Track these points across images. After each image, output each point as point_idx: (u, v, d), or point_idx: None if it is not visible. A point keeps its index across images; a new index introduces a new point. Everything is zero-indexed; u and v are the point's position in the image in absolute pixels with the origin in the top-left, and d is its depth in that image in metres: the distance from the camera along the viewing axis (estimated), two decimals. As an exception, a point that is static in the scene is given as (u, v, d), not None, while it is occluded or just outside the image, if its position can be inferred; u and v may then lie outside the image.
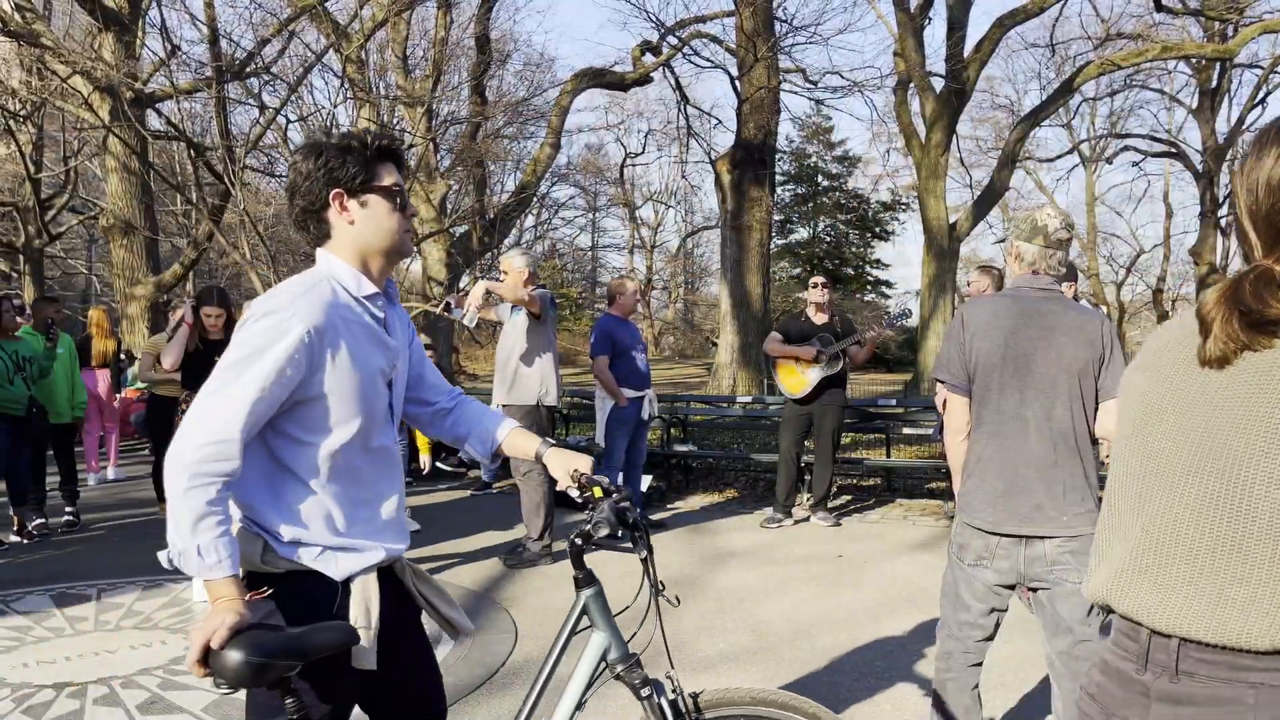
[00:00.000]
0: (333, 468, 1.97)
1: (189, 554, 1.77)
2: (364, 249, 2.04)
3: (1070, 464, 2.92)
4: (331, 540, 1.97)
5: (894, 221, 36.15)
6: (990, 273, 7.00)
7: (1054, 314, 2.97)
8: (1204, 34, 21.66)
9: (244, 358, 1.85)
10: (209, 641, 1.72)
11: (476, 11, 16.26)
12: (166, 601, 5.50)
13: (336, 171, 2.00)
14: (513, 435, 2.42)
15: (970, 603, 3.04)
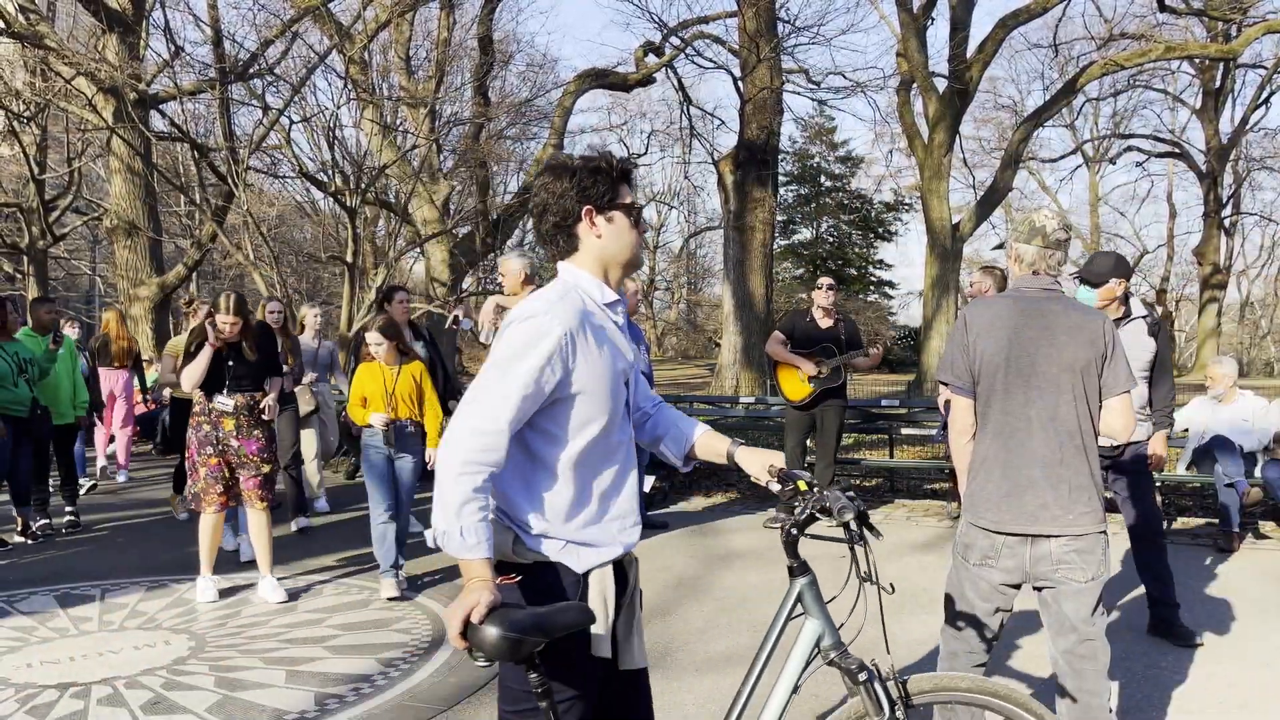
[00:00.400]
0: (580, 462, 2.11)
1: (452, 534, 1.94)
2: (607, 260, 2.21)
3: (1076, 463, 2.93)
4: (575, 535, 2.12)
5: (897, 222, 36.10)
6: (993, 273, 6.99)
7: (1055, 314, 2.99)
8: (1207, 34, 21.63)
9: (509, 357, 2.03)
10: (469, 616, 1.87)
11: (479, 12, 16.27)
12: (170, 602, 5.51)
13: (589, 190, 2.17)
14: (704, 437, 2.53)
15: (976, 602, 3.05)
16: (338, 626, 5.05)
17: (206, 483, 5.54)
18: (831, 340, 7.51)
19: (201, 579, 5.61)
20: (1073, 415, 2.94)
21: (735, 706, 2.43)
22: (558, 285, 2.18)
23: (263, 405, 5.73)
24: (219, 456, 5.55)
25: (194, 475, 5.61)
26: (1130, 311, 4.77)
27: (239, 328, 5.61)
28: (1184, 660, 4.50)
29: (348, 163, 12.74)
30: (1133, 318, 4.75)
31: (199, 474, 5.56)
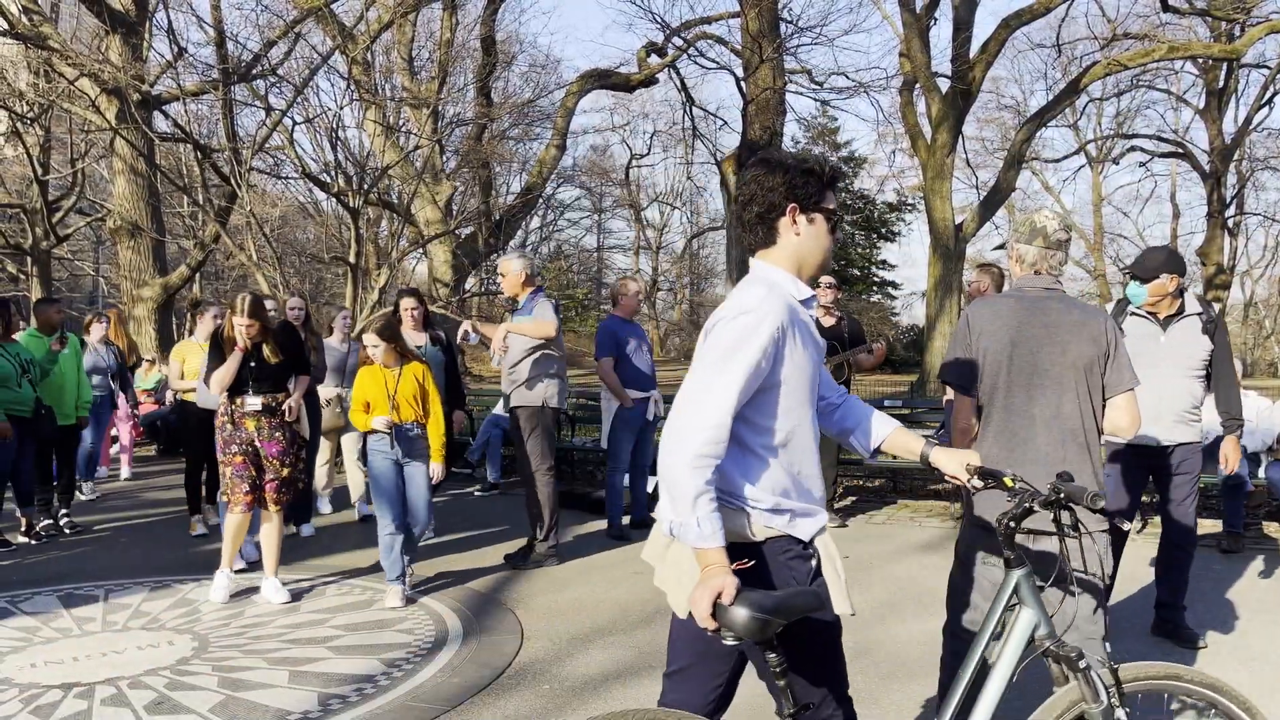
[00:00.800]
0: (784, 445, 2.25)
1: (689, 526, 2.06)
2: (801, 259, 2.31)
3: (1079, 461, 2.94)
4: (796, 506, 2.26)
5: (900, 222, 36.14)
6: (990, 271, 7.00)
7: (1057, 312, 3.01)
8: (1211, 34, 21.60)
9: (727, 352, 2.13)
10: (718, 598, 2.00)
11: (482, 13, 16.28)
12: (174, 602, 5.51)
13: (798, 189, 2.26)
14: (896, 434, 2.59)
15: (978, 603, 3.04)
16: (341, 627, 5.05)
17: (232, 482, 5.53)
18: (834, 338, 7.50)
19: (220, 573, 5.59)
20: (1075, 413, 2.95)
21: (951, 701, 2.47)
22: (760, 281, 2.26)
23: (284, 406, 5.72)
24: (244, 455, 5.56)
25: (221, 475, 5.63)
26: (1184, 308, 4.57)
27: (256, 329, 5.61)
28: (1186, 661, 4.49)
29: (350, 163, 12.75)
30: (1186, 314, 4.55)
31: (225, 473, 5.58)
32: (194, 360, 7.24)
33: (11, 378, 6.84)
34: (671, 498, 2.10)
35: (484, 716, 3.88)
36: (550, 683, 4.25)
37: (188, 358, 7.30)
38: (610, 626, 5.07)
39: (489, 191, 17.44)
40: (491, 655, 4.61)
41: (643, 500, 7.68)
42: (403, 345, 5.62)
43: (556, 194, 36.96)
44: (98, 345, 8.78)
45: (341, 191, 12.35)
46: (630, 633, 4.98)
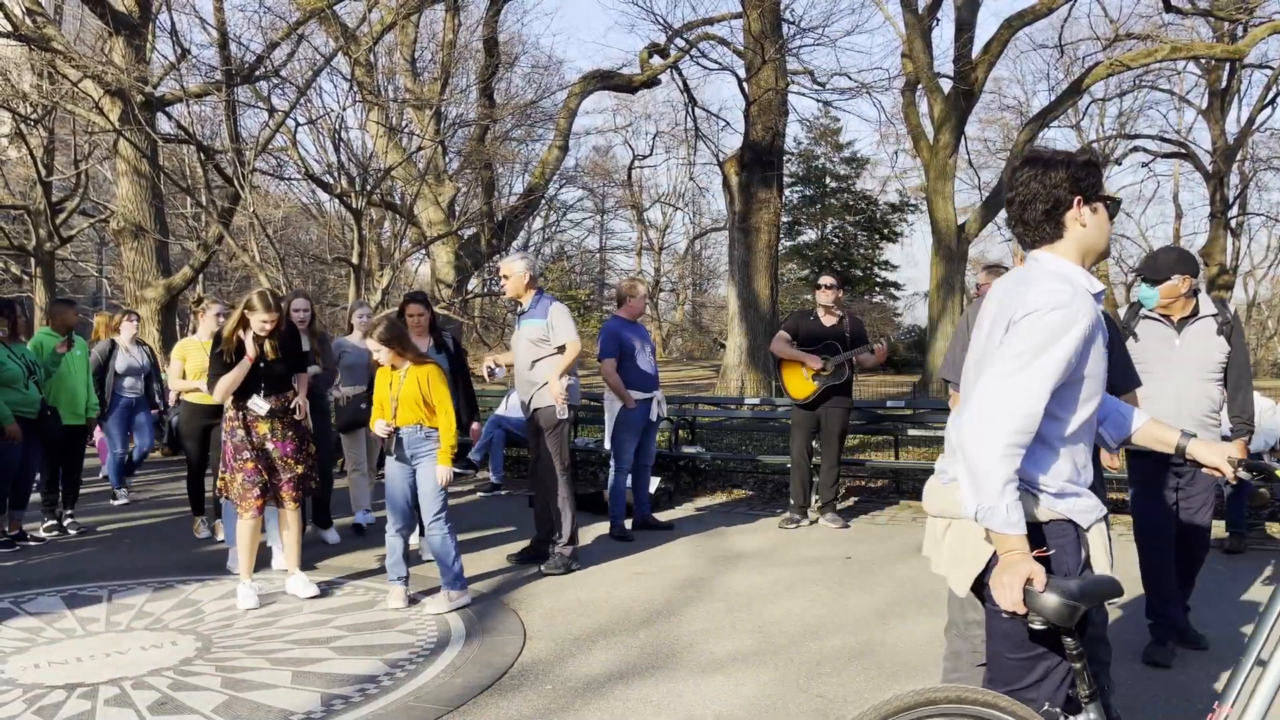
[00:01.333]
0: (1074, 435, 2.33)
1: (998, 510, 2.16)
2: (1086, 249, 2.39)
3: None
4: (1079, 492, 2.35)
5: (902, 223, 36.10)
6: (999, 273, 6.98)
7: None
8: (1213, 34, 21.56)
9: (1037, 345, 2.20)
10: (1029, 584, 2.12)
11: (485, 14, 16.29)
12: (177, 603, 5.52)
13: (1081, 181, 2.36)
14: (1149, 426, 2.64)
15: (979, 602, 3.04)
16: (344, 627, 5.06)
17: (244, 488, 5.51)
18: (836, 338, 7.50)
19: (242, 585, 5.51)
20: None
21: (1233, 708, 2.42)
22: (1054, 275, 2.31)
23: (294, 405, 5.74)
24: (255, 460, 5.55)
25: (230, 480, 5.59)
26: (1199, 310, 4.49)
27: (278, 320, 5.62)
28: (1188, 661, 4.49)
29: (353, 164, 12.77)
30: (1200, 316, 4.48)
31: (235, 479, 5.55)
32: (196, 359, 7.10)
33: (19, 379, 6.86)
34: (976, 483, 2.20)
35: (486, 717, 3.89)
36: (553, 683, 4.26)
37: (189, 357, 7.09)
38: (613, 627, 5.07)
39: (492, 192, 17.44)
40: (494, 656, 4.62)
41: (645, 501, 7.69)
42: (405, 348, 5.46)
43: (559, 195, 37.00)
44: (130, 346, 8.53)
45: (344, 193, 12.36)
46: (633, 633, 4.99)
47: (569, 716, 3.89)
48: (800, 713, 3.92)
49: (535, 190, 16.80)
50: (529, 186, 17.10)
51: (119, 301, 21.83)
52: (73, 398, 7.47)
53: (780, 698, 4.08)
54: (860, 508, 8.48)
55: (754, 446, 11.28)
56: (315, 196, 18.30)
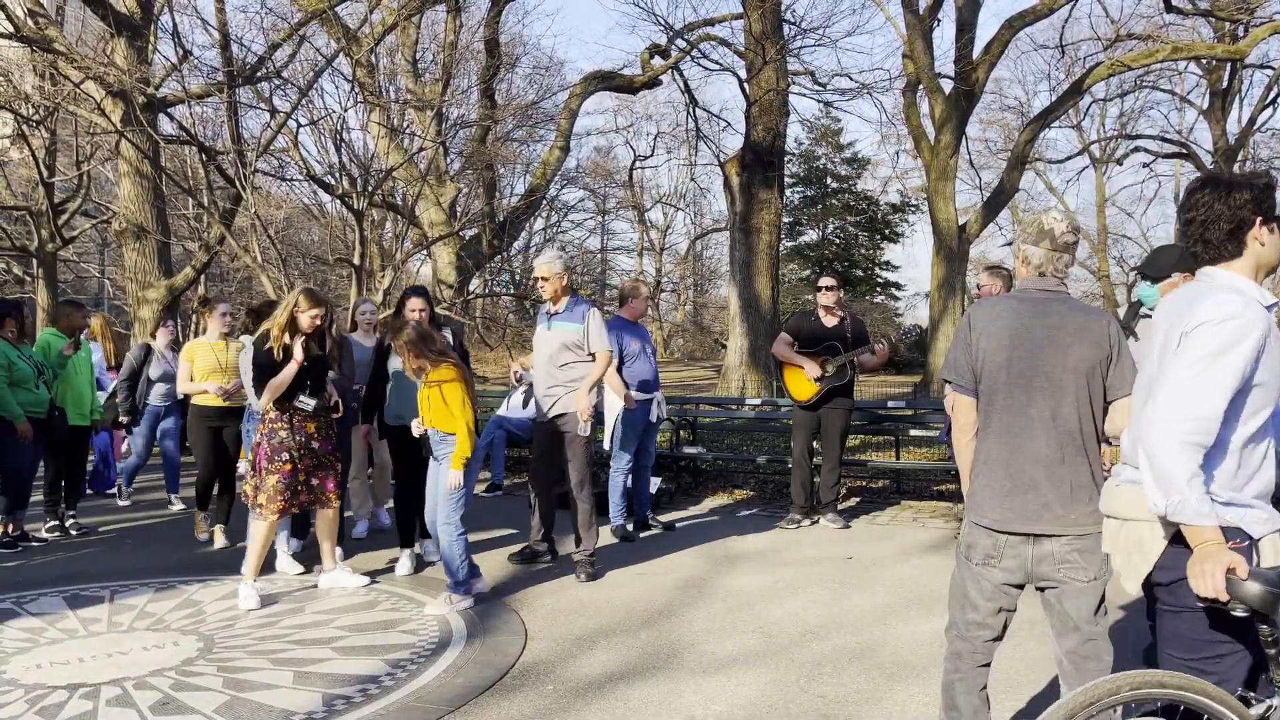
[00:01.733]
0: (1246, 443, 2.43)
1: (1188, 503, 2.30)
2: (1259, 265, 2.55)
3: (1077, 462, 2.95)
4: (1251, 502, 2.44)
5: (903, 224, 36.09)
6: (1000, 274, 7.00)
7: (1060, 314, 3.01)
8: (1214, 35, 21.55)
9: (1214, 353, 2.35)
10: (1231, 572, 2.22)
11: (486, 15, 16.30)
12: (179, 603, 5.53)
13: (1263, 204, 2.51)
14: None
15: (979, 602, 3.07)
16: (345, 628, 5.07)
17: (275, 489, 5.50)
18: (838, 338, 7.51)
19: (245, 585, 5.50)
20: (1074, 416, 2.96)
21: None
22: (1228, 289, 2.46)
23: (334, 402, 5.81)
24: (293, 462, 5.56)
25: (261, 481, 5.55)
26: None
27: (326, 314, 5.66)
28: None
29: (355, 165, 12.77)
30: None
31: (269, 481, 5.52)
32: (204, 360, 7.02)
33: (30, 379, 6.89)
34: (1161, 482, 2.34)
35: (488, 717, 3.89)
36: (554, 683, 4.27)
37: (197, 358, 7.02)
38: (614, 627, 5.08)
39: (493, 193, 17.44)
40: (495, 656, 4.62)
41: (646, 501, 7.69)
42: (422, 353, 5.38)
43: (560, 196, 37.03)
44: (165, 351, 8.39)
45: (346, 193, 12.37)
46: (634, 633, 4.99)
47: (570, 717, 3.90)
48: (801, 713, 3.93)
49: (537, 191, 16.80)
50: (530, 187, 17.09)
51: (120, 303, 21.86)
52: (79, 398, 7.47)
53: (781, 698, 4.08)
54: (861, 508, 8.48)
55: (755, 447, 11.29)
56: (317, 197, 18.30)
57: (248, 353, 5.77)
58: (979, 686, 3.12)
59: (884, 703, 4.03)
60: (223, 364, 7.03)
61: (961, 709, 3.12)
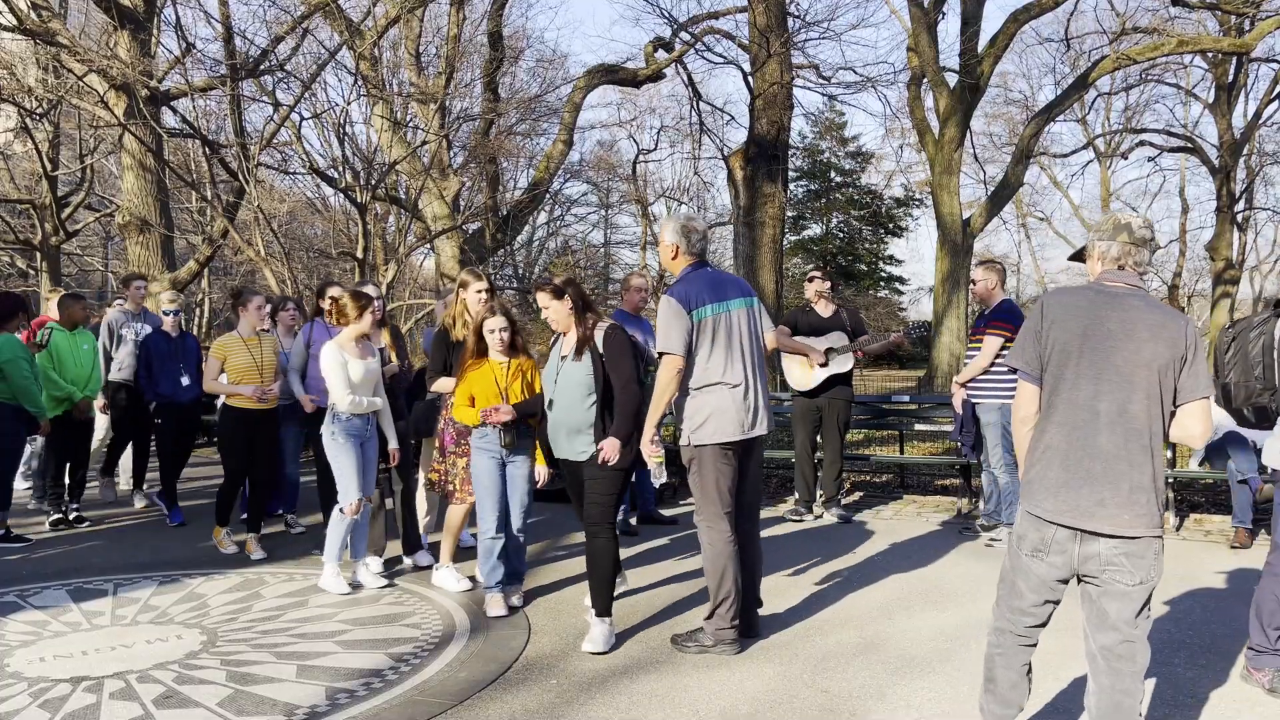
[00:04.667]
0: None
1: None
2: None
3: (1140, 462, 2.88)
4: None
5: (907, 217, 36.06)
6: (995, 269, 7.02)
7: (1137, 309, 2.94)
8: (1220, 28, 21.48)
9: None
10: None
11: (489, 8, 16.27)
12: (182, 596, 5.53)
13: None
14: None
15: (1025, 592, 3.06)
16: (348, 621, 5.06)
17: (465, 472, 5.56)
18: (838, 327, 7.53)
19: (446, 570, 5.68)
20: (1144, 414, 2.88)
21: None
22: None
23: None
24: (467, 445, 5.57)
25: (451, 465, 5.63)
26: None
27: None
28: (1196, 656, 4.48)
29: (358, 159, 12.77)
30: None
31: (458, 465, 5.61)
32: (238, 358, 6.42)
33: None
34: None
35: (490, 711, 3.89)
36: (557, 677, 4.26)
37: (230, 355, 6.42)
38: (617, 621, 5.07)
39: (496, 187, 17.42)
40: (498, 650, 4.62)
41: (650, 496, 7.68)
42: (520, 337, 5.24)
43: (563, 189, 36.96)
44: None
45: (349, 187, 12.36)
46: (637, 628, 4.98)
47: (573, 711, 3.89)
48: (805, 707, 3.92)
49: (540, 185, 16.78)
50: (533, 181, 17.08)
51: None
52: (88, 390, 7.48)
53: (785, 692, 4.07)
54: (865, 502, 8.47)
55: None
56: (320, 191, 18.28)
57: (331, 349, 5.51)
58: (1020, 664, 3.12)
59: (888, 697, 4.02)
60: (259, 363, 6.48)
61: (999, 681, 3.13)
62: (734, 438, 4.53)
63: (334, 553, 5.64)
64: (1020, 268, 39.17)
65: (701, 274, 4.66)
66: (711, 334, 4.51)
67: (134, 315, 8.26)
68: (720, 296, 4.58)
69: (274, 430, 6.64)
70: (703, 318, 4.50)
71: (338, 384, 5.49)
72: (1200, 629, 4.89)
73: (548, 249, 39.14)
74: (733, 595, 4.55)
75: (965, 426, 6.97)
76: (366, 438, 5.66)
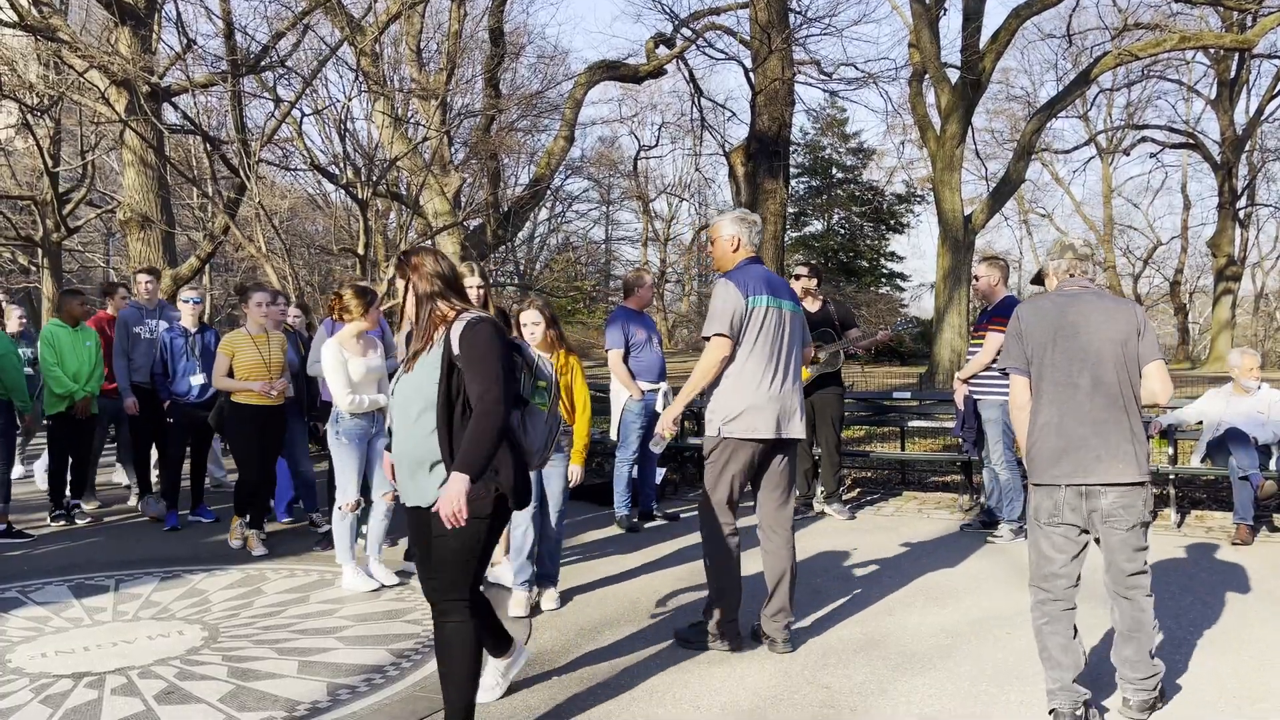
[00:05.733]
0: None
1: None
2: None
3: (1120, 419, 3.55)
4: None
5: (909, 214, 35.99)
6: (998, 265, 7.03)
7: (1090, 302, 3.66)
8: (1222, 24, 21.46)
9: None
10: None
11: (490, 4, 16.25)
12: (184, 592, 5.54)
13: None
14: None
15: (1053, 555, 3.63)
16: (350, 617, 5.07)
17: None
18: (825, 323, 7.54)
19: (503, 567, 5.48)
20: (1115, 380, 3.56)
21: None
22: None
23: None
24: None
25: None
26: None
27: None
28: (1197, 654, 4.48)
29: (359, 155, 12.75)
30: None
31: None
32: (246, 355, 6.41)
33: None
34: None
35: (492, 708, 3.89)
36: (558, 673, 4.26)
37: (239, 352, 6.40)
38: (618, 618, 5.08)
39: (497, 183, 17.41)
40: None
41: (651, 492, 7.69)
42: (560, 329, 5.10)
43: (564, 186, 36.93)
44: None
45: (350, 183, 12.35)
46: (639, 624, 4.99)
47: (574, 706, 3.90)
48: (805, 703, 3.92)
49: (541, 181, 16.77)
50: (535, 177, 17.07)
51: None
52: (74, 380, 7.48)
53: (785, 688, 4.08)
54: (866, 499, 8.47)
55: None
56: (321, 187, 18.30)
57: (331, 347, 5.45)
58: (1066, 629, 3.61)
59: (889, 693, 4.02)
60: (267, 360, 6.48)
61: (1051, 648, 3.61)
62: (767, 436, 4.45)
63: (346, 553, 5.59)
64: (1022, 264, 39.16)
65: (759, 269, 4.62)
66: (760, 325, 4.45)
67: (149, 311, 7.87)
68: (775, 293, 4.56)
69: (281, 427, 6.66)
70: (756, 306, 4.45)
71: (338, 384, 5.46)
72: (1201, 626, 4.89)
73: (549, 245, 39.13)
74: (732, 589, 4.51)
75: (967, 422, 6.98)
76: (374, 434, 5.62)
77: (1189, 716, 3.78)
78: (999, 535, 6.75)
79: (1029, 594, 3.71)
